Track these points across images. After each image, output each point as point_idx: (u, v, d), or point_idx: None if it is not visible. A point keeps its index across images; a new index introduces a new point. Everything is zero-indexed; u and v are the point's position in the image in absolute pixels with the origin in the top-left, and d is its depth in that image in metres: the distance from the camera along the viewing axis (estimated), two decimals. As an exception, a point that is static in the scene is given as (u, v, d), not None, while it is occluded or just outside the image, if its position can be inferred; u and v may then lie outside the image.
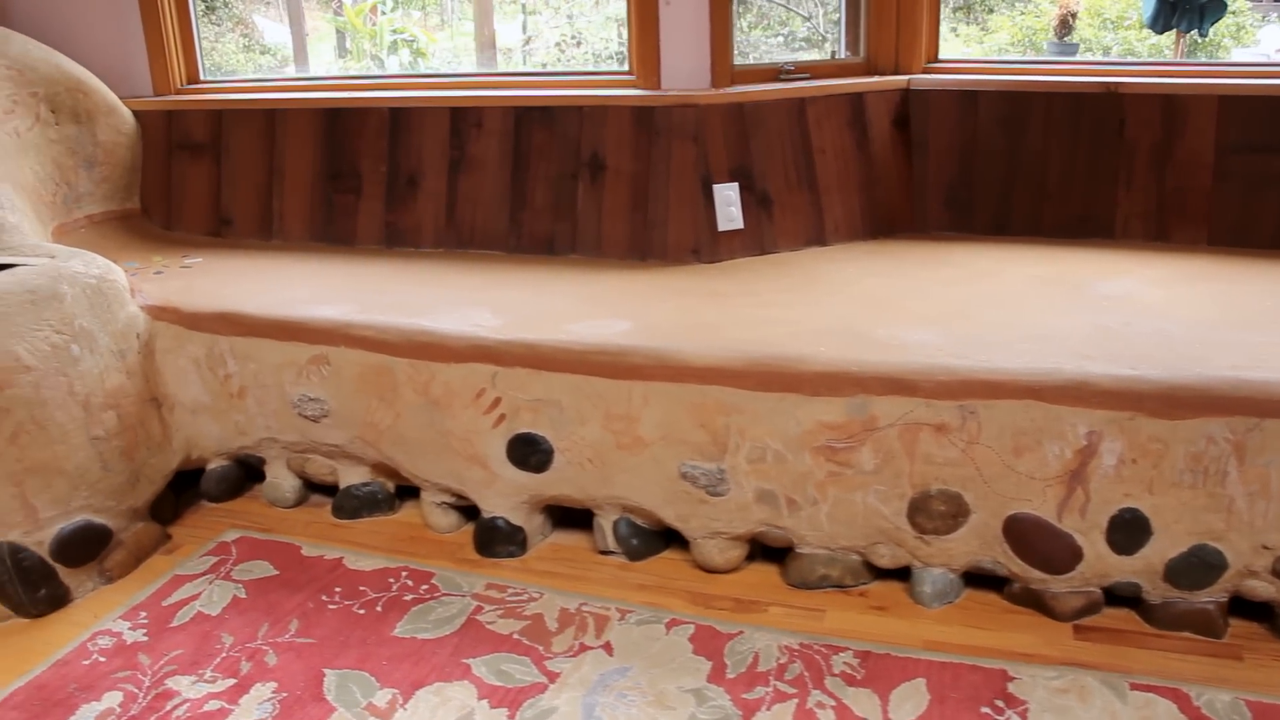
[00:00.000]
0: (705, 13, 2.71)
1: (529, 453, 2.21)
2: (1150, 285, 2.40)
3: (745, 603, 2.10)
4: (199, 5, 3.25)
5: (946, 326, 2.17)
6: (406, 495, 2.52)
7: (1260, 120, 2.62)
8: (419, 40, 8.17)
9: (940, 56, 2.99)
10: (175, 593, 2.20)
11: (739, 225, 2.73)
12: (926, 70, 2.95)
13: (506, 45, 8.05)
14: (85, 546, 2.21)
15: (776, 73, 2.87)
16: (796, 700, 1.80)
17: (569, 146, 2.82)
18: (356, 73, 7.63)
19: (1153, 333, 2.09)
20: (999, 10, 7.58)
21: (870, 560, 2.11)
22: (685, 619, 2.04)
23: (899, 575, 2.13)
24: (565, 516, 2.38)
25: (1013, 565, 2.01)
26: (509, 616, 2.07)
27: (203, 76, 3.27)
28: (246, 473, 2.64)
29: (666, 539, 2.28)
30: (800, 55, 6.71)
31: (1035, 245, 2.78)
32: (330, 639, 2.02)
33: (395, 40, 8.03)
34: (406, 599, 2.14)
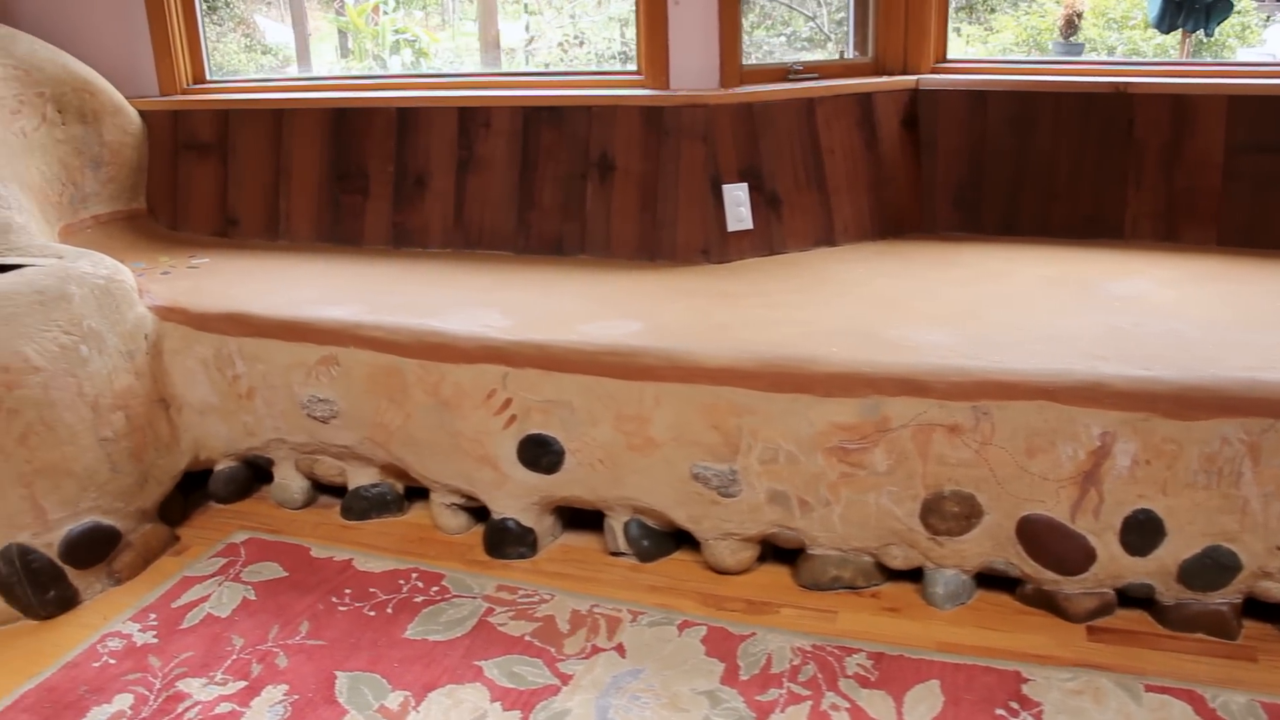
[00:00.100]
0: (714, 12, 2.71)
1: (540, 454, 2.21)
2: (1161, 286, 2.40)
3: (757, 604, 2.09)
4: (203, 5, 3.24)
5: (958, 327, 2.16)
6: (415, 496, 2.51)
7: (1270, 120, 2.61)
8: (421, 40, 8.16)
9: (948, 56, 2.98)
10: (184, 594, 2.19)
11: (748, 225, 2.73)
12: (935, 70, 2.94)
13: (509, 45, 8.05)
14: (94, 548, 2.20)
15: (785, 73, 2.87)
16: (810, 702, 1.79)
17: (578, 146, 2.81)
18: (361, 73, 7.62)
19: (1165, 333, 2.08)
20: (1001, 10, 7.58)
21: (882, 561, 2.10)
22: (697, 620, 2.04)
23: (910, 576, 2.12)
24: (575, 518, 2.38)
25: (1025, 566, 2.01)
26: (520, 618, 2.06)
27: (208, 76, 3.26)
28: (254, 474, 2.63)
29: (677, 540, 2.27)
30: (803, 55, 6.71)
31: (1044, 245, 2.77)
32: (341, 641, 2.01)
33: (397, 40, 8.02)
34: (417, 601, 2.14)
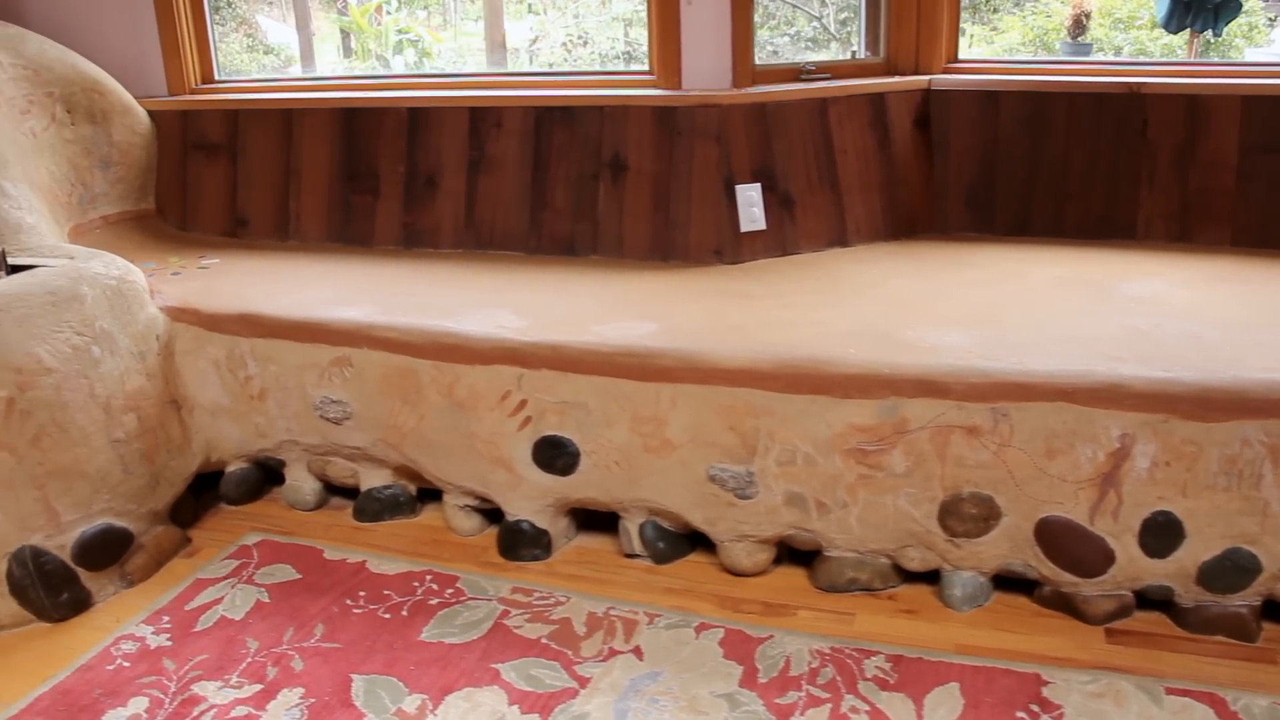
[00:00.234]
0: (726, 12, 2.70)
1: (555, 455, 2.20)
2: (1176, 286, 2.39)
3: (774, 606, 2.09)
4: (211, 5, 3.23)
5: (975, 328, 2.15)
6: (427, 498, 2.50)
7: (1283, 121, 2.61)
8: (424, 40, 8.15)
9: (959, 57, 2.97)
10: (197, 597, 2.18)
11: (761, 226, 2.72)
12: (947, 70, 2.93)
13: (513, 45, 8.04)
14: (106, 550, 2.19)
15: (797, 73, 2.86)
16: (830, 705, 1.79)
17: (590, 147, 2.80)
18: (371, 73, 7.61)
19: (1183, 334, 2.08)
20: (1004, 10, 7.57)
21: (899, 563, 2.09)
22: (714, 623, 2.03)
23: (927, 578, 2.11)
24: (588, 519, 2.37)
25: (1044, 568, 2.00)
26: (536, 621, 2.05)
27: (217, 76, 3.25)
28: (265, 475, 2.62)
29: (692, 542, 2.26)
30: (807, 54, 6.71)
31: (1057, 246, 2.76)
32: (356, 643, 2.00)
33: (400, 40, 8.01)
34: (432, 603, 2.13)
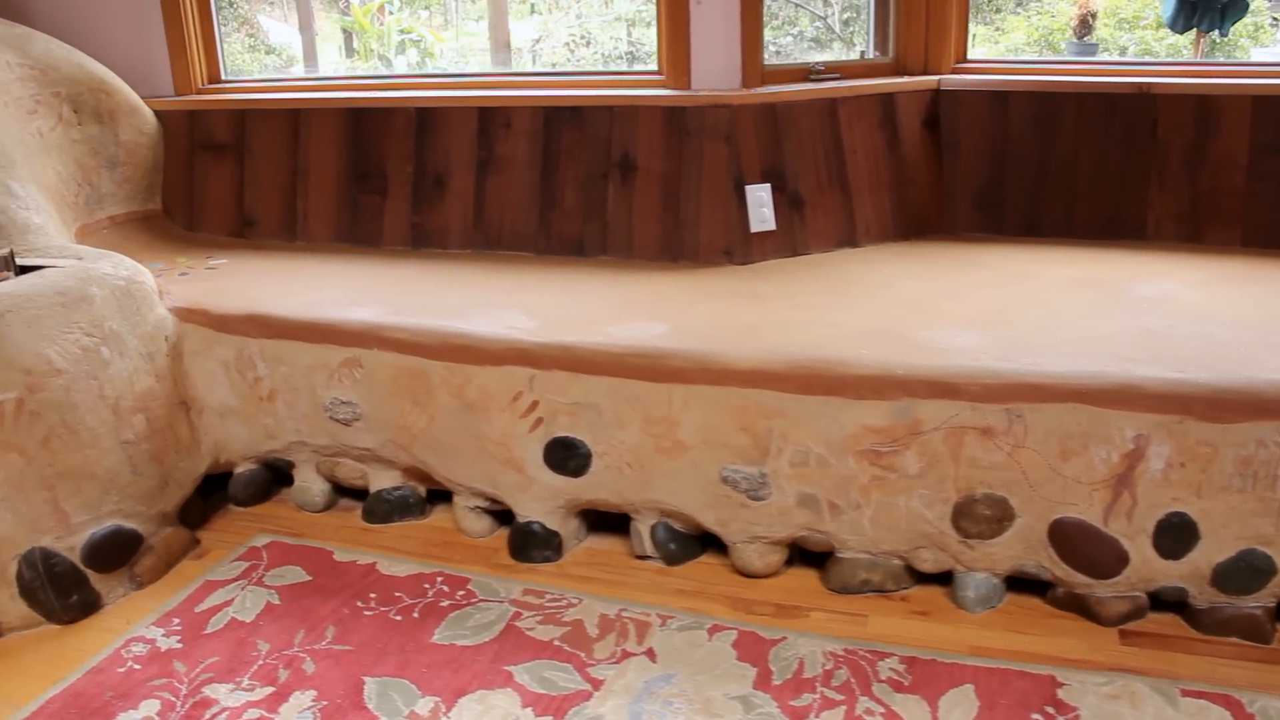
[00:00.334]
0: (736, 12, 2.69)
1: (567, 457, 2.19)
2: (1187, 287, 2.39)
3: (786, 608, 2.08)
4: (218, 5, 3.22)
5: (987, 329, 2.15)
6: (436, 499, 2.50)
7: (1294, 121, 2.60)
8: (426, 40, 8.15)
9: (967, 57, 2.97)
10: (207, 599, 2.18)
11: (771, 226, 2.71)
12: (956, 70, 2.93)
13: (516, 45, 8.03)
14: (116, 551, 2.19)
15: (807, 73, 2.85)
16: (845, 707, 1.78)
17: (599, 147, 2.79)
18: (377, 72, 7.61)
19: (1196, 335, 2.07)
20: (1006, 10, 7.57)
21: (912, 565, 2.09)
22: (727, 624, 2.02)
23: (940, 580, 2.11)
24: (599, 520, 2.36)
25: (1057, 570, 1.99)
26: (548, 623, 2.05)
27: (223, 76, 3.25)
28: (274, 476, 2.61)
29: (703, 544, 2.26)
30: (811, 54, 6.70)
31: (1067, 246, 2.76)
32: (368, 646, 2.00)
33: (403, 40, 8.00)
34: (443, 605, 2.12)
